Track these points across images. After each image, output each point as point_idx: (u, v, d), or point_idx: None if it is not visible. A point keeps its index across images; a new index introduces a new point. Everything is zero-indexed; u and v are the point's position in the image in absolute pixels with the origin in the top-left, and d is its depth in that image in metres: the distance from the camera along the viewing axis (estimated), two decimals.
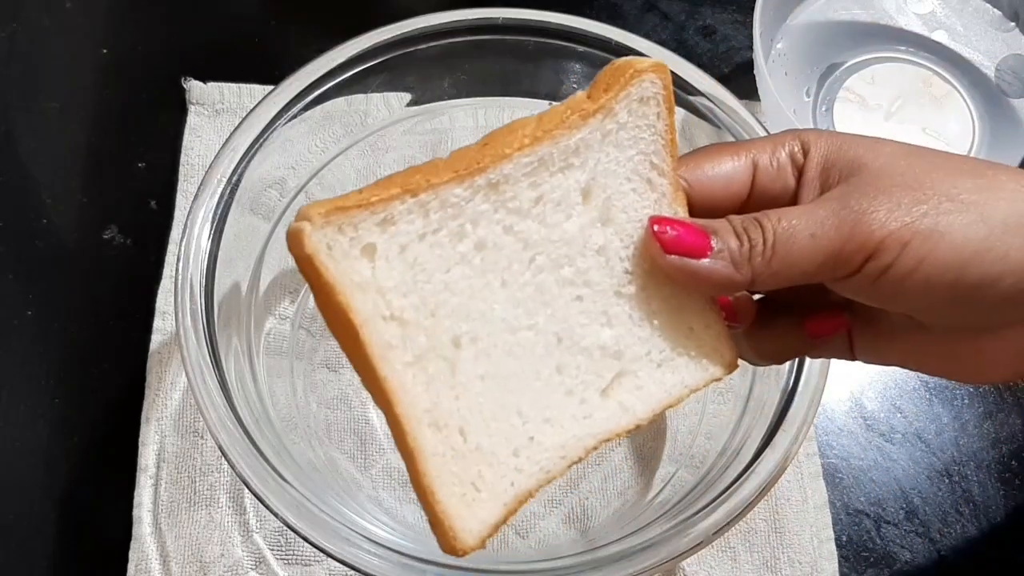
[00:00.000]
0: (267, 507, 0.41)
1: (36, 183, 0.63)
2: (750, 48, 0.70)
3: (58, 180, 0.63)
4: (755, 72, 0.62)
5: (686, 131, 0.53)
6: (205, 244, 0.46)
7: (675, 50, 0.53)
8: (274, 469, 0.42)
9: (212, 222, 0.47)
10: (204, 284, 0.46)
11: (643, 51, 0.52)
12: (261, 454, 0.42)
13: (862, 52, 0.68)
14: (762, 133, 0.50)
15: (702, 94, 0.51)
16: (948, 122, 0.66)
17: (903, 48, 0.68)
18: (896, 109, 0.66)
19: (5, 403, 0.56)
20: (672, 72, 0.51)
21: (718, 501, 0.43)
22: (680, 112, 0.53)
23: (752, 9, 0.63)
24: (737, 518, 0.43)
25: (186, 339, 0.44)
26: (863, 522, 0.56)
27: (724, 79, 0.67)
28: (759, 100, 0.65)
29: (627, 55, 0.52)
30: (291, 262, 0.54)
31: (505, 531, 0.53)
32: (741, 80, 0.69)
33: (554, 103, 0.56)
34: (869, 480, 0.58)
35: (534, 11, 0.52)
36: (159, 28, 0.69)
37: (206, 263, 0.46)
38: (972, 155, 0.65)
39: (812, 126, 0.66)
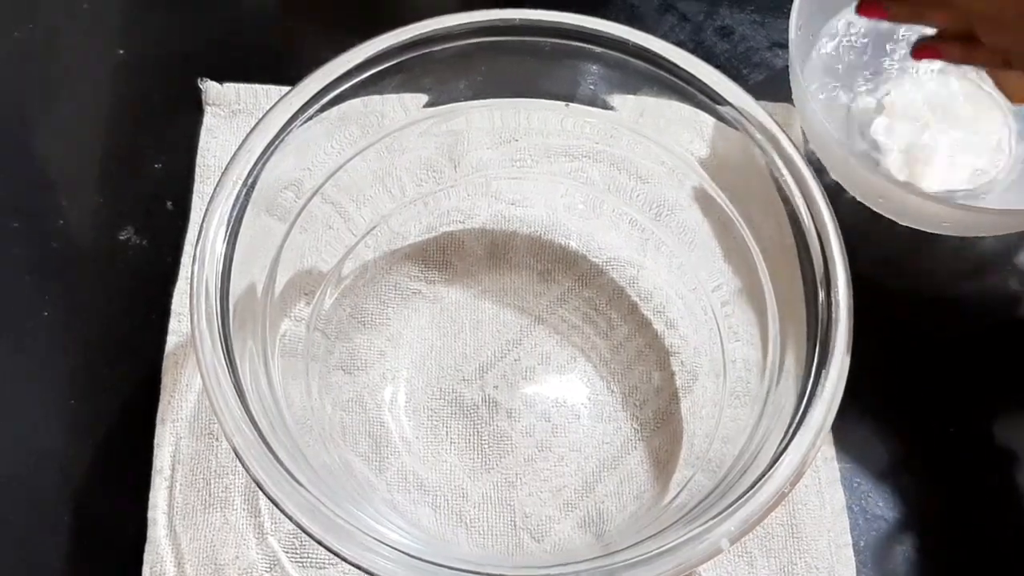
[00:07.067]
0: (282, 510, 0.41)
1: (52, 184, 0.63)
2: (769, 49, 0.70)
3: (74, 181, 0.63)
4: (790, 75, 0.61)
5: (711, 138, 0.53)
6: (221, 246, 0.46)
7: (693, 51, 0.52)
8: (289, 472, 0.42)
9: (228, 223, 0.47)
10: (219, 286, 0.46)
11: (661, 53, 0.52)
12: (276, 457, 0.42)
13: (907, 60, 0.67)
14: (788, 148, 0.50)
15: (729, 103, 0.51)
16: (985, 136, 0.65)
17: None
18: (935, 117, 0.65)
19: (20, 404, 0.56)
20: (697, 78, 0.52)
21: (735, 506, 0.43)
22: (704, 117, 0.52)
23: (771, 9, 0.62)
24: (754, 524, 0.42)
25: (201, 342, 0.43)
26: (882, 527, 0.56)
27: (742, 80, 0.67)
28: (780, 101, 0.65)
29: (645, 56, 0.52)
30: (306, 263, 0.55)
31: (520, 535, 0.53)
32: (760, 81, 0.69)
33: (571, 104, 0.56)
34: (888, 485, 0.57)
35: (551, 12, 0.52)
36: (175, 29, 0.68)
37: (221, 265, 0.46)
38: (1006, 175, 0.65)
39: (845, 127, 0.66)
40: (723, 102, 0.51)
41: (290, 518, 0.41)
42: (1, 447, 0.55)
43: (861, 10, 0.55)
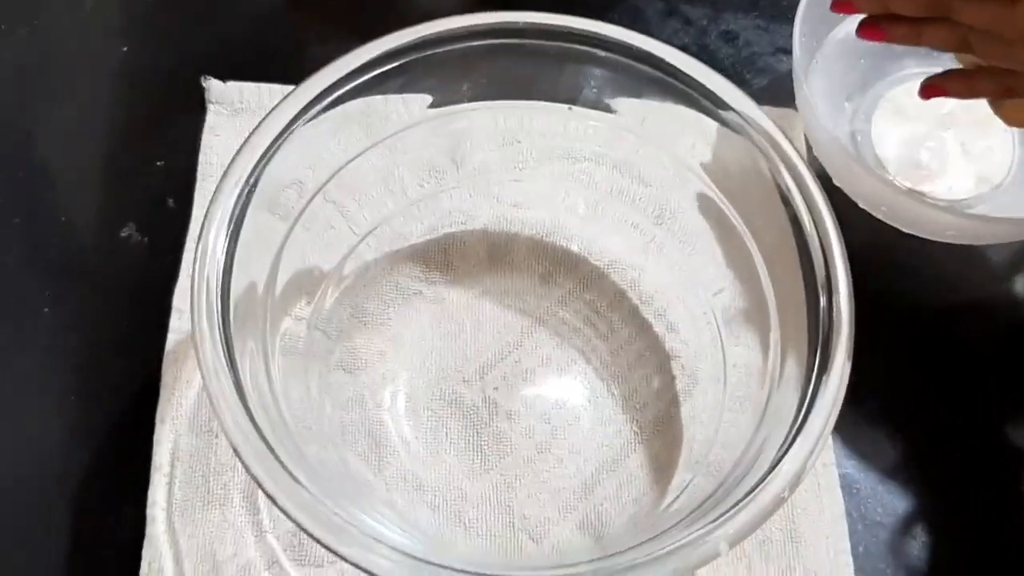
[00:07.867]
0: (280, 508, 0.41)
1: (54, 181, 0.63)
2: (773, 54, 0.70)
3: (76, 179, 0.63)
4: (794, 80, 0.61)
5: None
6: (222, 244, 0.46)
7: (696, 55, 0.52)
8: (287, 470, 0.41)
9: (229, 222, 0.47)
10: (220, 285, 0.45)
11: (665, 57, 0.51)
12: (275, 455, 0.42)
13: (909, 65, 0.67)
14: (791, 153, 0.50)
15: (732, 109, 0.51)
16: (988, 143, 0.65)
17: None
18: (939, 122, 0.65)
19: (21, 401, 0.56)
20: (700, 83, 0.52)
21: (734, 511, 0.43)
22: (707, 122, 0.52)
23: (776, 15, 0.62)
24: (752, 529, 0.42)
25: (201, 340, 0.43)
26: (880, 533, 0.56)
27: (745, 85, 0.67)
28: (783, 106, 0.65)
29: (648, 61, 0.52)
30: (308, 262, 0.55)
31: (519, 536, 0.53)
32: (763, 86, 0.69)
33: (574, 107, 0.56)
34: (887, 491, 0.57)
35: (555, 15, 0.52)
36: (179, 27, 0.69)
37: (223, 263, 0.46)
38: (1009, 181, 0.65)
39: (849, 133, 0.66)
40: (726, 107, 0.51)
41: (288, 516, 0.41)
42: (1, 444, 0.55)
43: (861, 32, 0.56)
